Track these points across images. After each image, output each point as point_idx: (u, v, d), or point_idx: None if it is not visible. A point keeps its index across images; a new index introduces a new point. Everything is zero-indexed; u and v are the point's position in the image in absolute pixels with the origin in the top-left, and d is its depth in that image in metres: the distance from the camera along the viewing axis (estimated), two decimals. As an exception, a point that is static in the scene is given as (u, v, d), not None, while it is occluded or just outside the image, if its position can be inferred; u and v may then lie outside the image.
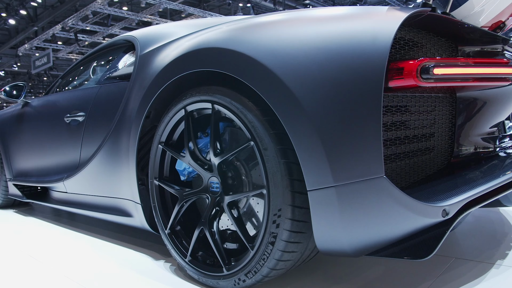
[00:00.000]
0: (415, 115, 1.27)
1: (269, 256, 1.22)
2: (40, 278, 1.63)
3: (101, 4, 14.15)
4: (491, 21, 2.08)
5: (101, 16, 16.06)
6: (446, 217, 1.08)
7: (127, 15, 15.62)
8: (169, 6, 15.30)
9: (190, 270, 1.48)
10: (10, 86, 2.92)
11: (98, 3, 14.03)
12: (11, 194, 3.02)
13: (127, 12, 15.75)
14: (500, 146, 1.53)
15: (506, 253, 1.63)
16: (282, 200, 1.18)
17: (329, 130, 1.07)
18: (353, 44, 1.09)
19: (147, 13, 15.77)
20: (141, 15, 15.81)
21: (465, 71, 1.12)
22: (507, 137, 1.58)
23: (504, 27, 2.18)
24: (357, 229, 1.09)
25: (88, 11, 14.47)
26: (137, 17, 15.80)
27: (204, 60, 1.36)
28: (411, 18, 1.17)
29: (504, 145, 1.54)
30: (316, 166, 1.08)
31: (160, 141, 1.58)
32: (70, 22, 15.03)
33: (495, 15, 2.01)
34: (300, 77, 1.11)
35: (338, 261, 1.62)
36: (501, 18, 2.13)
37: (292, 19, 1.28)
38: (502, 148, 1.53)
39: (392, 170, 1.23)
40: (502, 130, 1.56)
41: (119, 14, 15.33)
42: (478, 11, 1.88)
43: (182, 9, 15.82)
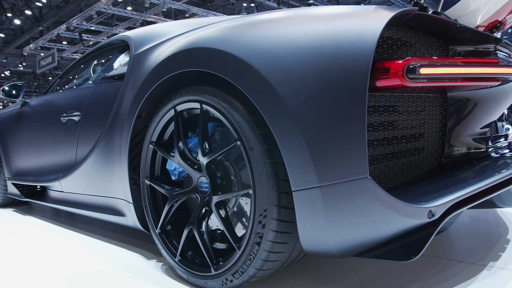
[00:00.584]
0: (404, 115, 1.26)
1: (255, 256, 1.22)
2: (32, 276, 1.64)
3: (106, 4, 14.21)
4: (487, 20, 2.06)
5: (106, 16, 16.14)
6: (433, 218, 1.06)
7: (131, 15, 15.68)
8: (173, 6, 15.33)
9: (180, 269, 1.48)
10: (9, 86, 2.94)
11: (102, 3, 14.09)
12: (10, 193, 3.04)
13: (131, 12, 15.81)
14: (492, 146, 1.51)
15: (499, 255, 1.61)
16: (267, 200, 1.17)
17: (313, 130, 1.06)
18: (339, 44, 1.08)
19: (151, 13, 15.81)
20: (145, 15, 15.85)
21: (453, 71, 1.11)
22: (500, 138, 1.56)
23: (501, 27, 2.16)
24: (342, 230, 1.09)
25: (93, 11, 14.54)
26: (141, 17, 15.85)
27: (192, 60, 1.36)
28: (398, 17, 1.16)
29: (496, 145, 1.53)
30: (300, 166, 1.08)
31: (151, 141, 1.58)
32: (74, 22, 15.11)
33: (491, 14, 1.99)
34: (285, 77, 1.11)
35: (329, 262, 1.61)
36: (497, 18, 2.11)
37: (279, 18, 1.27)
38: (494, 148, 1.51)
39: (380, 171, 1.22)
40: (494, 130, 1.54)
41: (123, 14, 15.39)
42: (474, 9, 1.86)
43: (186, 9, 15.86)
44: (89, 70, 2.63)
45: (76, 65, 2.82)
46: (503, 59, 1.51)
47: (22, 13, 14.82)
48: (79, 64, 2.79)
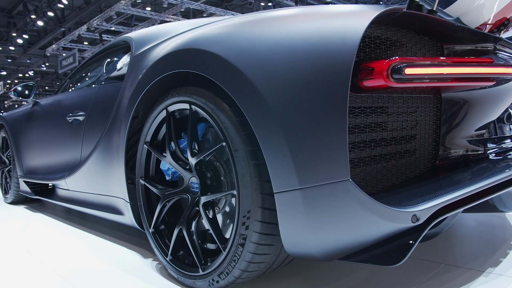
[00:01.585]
0: (393, 116, 1.23)
1: (239, 258, 1.21)
2: (29, 272, 1.68)
3: (125, 5, 14.45)
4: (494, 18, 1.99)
5: (125, 16, 16.42)
6: (417, 222, 1.04)
7: (150, 15, 15.88)
8: (191, 6, 15.47)
9: (171, 269, 1.49)
10: (21, 86, 3.02)
11: (121, 4, 14.34)
12: (22, 191, 3.13)
13: (150, 12, 16.01)
14: (490, 148, 1.46)
15: (500, 261, 1.56)
16: (251, 201, 1.17)
17: (295, 132, 1.05)
18: (322, 44, 1.07)
19: (170, 13, 15.98)
20: (164, 15, 16.03)
21: (441, 71, 1.08)
22: (498, 140, 1.51)
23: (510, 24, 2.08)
24: (324, 233, 1.07)
25: (112, 12, 14.81)
26: (160, 17, 16.04)
27: (181, 62, 1.36)
28: (386, 16, 1.13)
29: (494, 147, 1.47)
30: (282, 168, 1.07)
31: (145, 141, 1.60)
32: (95, 23, 15.42)
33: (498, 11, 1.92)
34: (268, 78, 1.10)
35: (321, 264, 1.60)
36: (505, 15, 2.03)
37: (265, 19, 1.26)
38: (492, 151, 1.46)
39: (368, 173, 1.20)
40: (492, 132, 1.49)
41: (142, 14, 15.61)
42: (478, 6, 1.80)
43: (203, 8, 15.97)
44: (95, 70, 2.67)
45: (84, 66, 2.88)
46: (505, 59, 1.46)
47: (45, 14, 15.22)
48: (87, 65, 2.84)
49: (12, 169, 3.19)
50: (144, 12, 15.65)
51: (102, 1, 15.12)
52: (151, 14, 15.87)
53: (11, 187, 3.27)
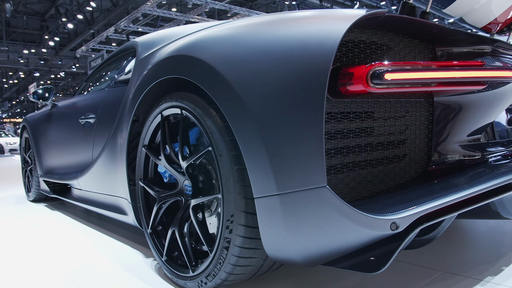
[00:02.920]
0: (379, 121, 1.21)
1: (224, 260, 1.23)
2: (36, 268, 1.76)
3: (151, 6, 14.74)
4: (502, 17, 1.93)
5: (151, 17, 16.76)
6: (397, 230, 1.02)
7: (175, 16, 16.13)
8: (216, 6, 15.60)
9: (165, 269, 1.53)
10: (41, 89, 3.16)
11: (147, 6, 14.64)
12: (42, 189, 3.27)
13: (175, 13, 16.27)
14: (487, 154, 1.41)
15: (502, 269, 1.51)
16: (234, 206, 1.18)
17: (273, 137, 1.05)
18: (301, 50, 1.07)
19: (194, 14, 16.18)
20: (189, 15, 16.25)
21: (424, 75, 1.05)
22: (495, 144, 1.45)
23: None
24: (303, 239, 1.07)
25: (139, 13, 15.14)
26: (185, 17, 16.26)
27: (173, 68, 1.40)
28: (369, 20, 1.12)
29: (490, 153, 1.42)
30: (261, 173, 1.08)
31: (143, 144, 1.64)
32: (122, 24, 15.82)
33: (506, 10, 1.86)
34: (249, 84, 1.11)
35: (314, 268, 1.59)
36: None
37: (250, 25, 1.27)
38: (489, 156, 1.41)
39: (352, 179, 1.19)
40: (490, 136, 1.44)
41: (168, 15, 15.88)
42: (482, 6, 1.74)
43: (228, 8, 16.08)
44: (106, 74, 2.76)
45: (98, 69, 2.97)
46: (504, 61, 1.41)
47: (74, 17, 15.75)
48: (101, 68, 2.93)
49: (33, 168, 3.34)
50: (170, 13, 15.92)
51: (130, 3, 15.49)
52: (176, 15, 16.12)
53: (32, 185, 3.42)
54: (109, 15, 16.23)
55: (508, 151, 1.49)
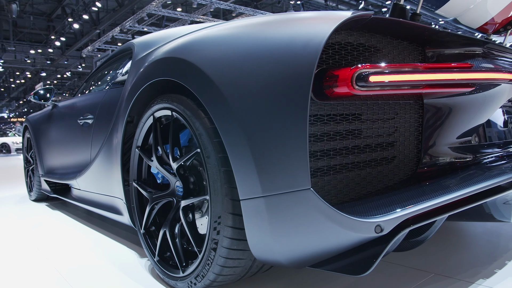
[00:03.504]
0: (367, 123, 1.21)
1: (212, 262, 1.24)
2: (31, 268, 1.78)
3: (156, 6, 14.79)
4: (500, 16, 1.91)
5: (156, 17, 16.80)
6: (381, 233, 1.02)
7: (180, 16, 16.16)
8: (221, 6, 15.62)
9: (157, 269, 1.54)
10: (42, 90, 3.19)
11: (152, 6, 14.70)
12: (43, 189, 3.30)
13: (180, 13, 16.30)
14: (478, 156, 1.40)
15: (494, 272, 1.50)
16: (221, 207, 1.19)
17: (258, 139, 1.06)
18: (286, 52, 1.07)
19: (199, 14, 16.21)
20: (194, 15, 16.28)
21: (409, 78, 1.05)
22: (486, 146, 1.44)
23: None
24: (288, 241, 1.08)
25: (144, 13, 15.20)
26: (190, 17, 16.30)
27: (163, 70, 1.41)
28: (356, 22, 1.12)
29: (482, 155, 1.41)
30: (247, 175, 1.08)
31: (137, 146, 1.65)
32: (127, 24, 15.90)
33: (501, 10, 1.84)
34: (235, 86, 1.12)
35: (307, 270, 1.59)
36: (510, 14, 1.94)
37: (238, 26, 1.27)
38: (480, 158, 1.40)
39: (339, 181, 1.19)
40: (482, 138, 1.43)
41: (173, 15, 15.92)
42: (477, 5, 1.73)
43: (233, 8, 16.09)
44: (105, 75, 2.78)
45: (98, 70, 3.00)
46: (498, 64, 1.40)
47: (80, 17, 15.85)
48: (100, 69, 2.96)
49: (35, 168, 3.37)
50: (175, 13, 15.96)
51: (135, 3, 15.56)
52: (181, 15, 16.16)
53: (34, 185, 3.45)
54: (114, 15, 16.32)
55: (500, 153, 1.48)
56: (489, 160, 1.41)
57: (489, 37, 2.01)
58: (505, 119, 1.55)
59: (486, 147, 1.44)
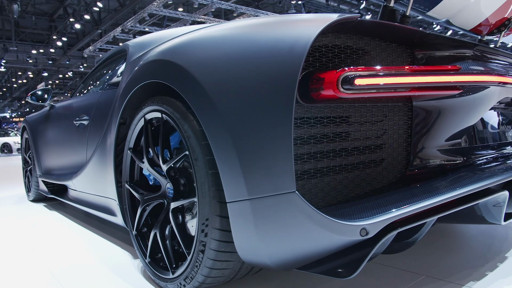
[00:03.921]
0: (355, 126, 1.21)
1: (201, 263, 1.24)
2: (24, 268, 1.79)
3: (157, 6, 14.81)
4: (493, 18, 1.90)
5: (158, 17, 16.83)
6: (367, 236, 1.02)
7: (181, 16, 16.17)
8: (222, 6, 15.63)
9: (149, 271, 1.54)
10: (40, 90, 3.19)
11: (154, 6, 14.71)
12: (40, 189, 3.31)
13: (181, 13, 16.31)
14: (468, 158, 1.40)
15: (485, 274, 1.50)
16: (209, 210, 1.19)
17: (244, 142, 1.06)
18: (273, 55, 1.07)
19: (201, 14, 16.22)
20: (195, 15, 16.29)
21: (395, 80, 1.05)
22: (476, 149, 1.44)
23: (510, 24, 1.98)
24: (274, 243, 1.08)
25: (145, 13, 15.22)
26: (191, 17, 16.30)
27: (153, 73, 1.41)
28: (343, 25, 1.12)
29: (472, 157, 1.41)
30: (233, 178, 1.09)
31: (129, 147, 1.66)
32: (129, 24, 15.92)
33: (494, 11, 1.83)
34: (221, 88, 1.12)
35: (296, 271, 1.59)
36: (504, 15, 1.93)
37: (226, 28, 1.28)
38: (470, 160, 1.40)
39: (326, 184, 1.19)
40: (472, 140, 1.42)
41: (174, 15, 15.93)
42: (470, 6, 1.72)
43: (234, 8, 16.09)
44: (101, 76, 2.79)
45: (94, 71, 3.00)
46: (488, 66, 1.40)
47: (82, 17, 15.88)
48: (97, 70, 2.96)
49: (33, 168, 3.39)
50: (176, 13, 15.97)
51: (136, 3, 15.58)
52: (182, 15, 16.16)
53: (32, 185, 3.47)
54: (116, 15, 16.35)
55: (490, 155, 1.48)
56: (479, 163, 1.41)
57: (483, 39, 2.00)
58: (495, 121, 1.54)
59: (476, 149, 1.43)
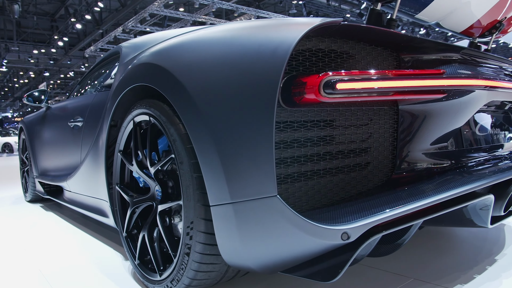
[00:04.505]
0: (340, 129, 1.21)
1: (186, 266, 1.25)
2: (15, 269, 1.80)
3: (158, 6, 14.83)
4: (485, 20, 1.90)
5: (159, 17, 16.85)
6: (348, 240, 1.02)
7: (182, 16, 16.19)
8: (223, 6, 15.64)
9: (138, 272, 1.55)
10: (36, 91, 3.21)
11: (154, 6, 14.74)
12: (37, 190, 3.33)
13: (182, 13, 16.33)
14: (455, 161, 1.40)
15: (473, 277, 1.50)
16: (193, 213, 1.20)
17: (226, 146, 1.07)
18: (256, 59, 1.07)
19: (202, 14, 16.23)
20: (196, 15, 16.30)
21: (377, 85, 1.05)
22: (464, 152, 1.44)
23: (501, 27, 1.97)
24: (256, 247, 1.08)
25: (146, 14, 15.25)
26: (192, 17, 16.32)
27: (141, 75, 1.42)
28: (325, 29, 1.12)
29: (459, 160, 1.41)
30: (216, 182, 1.09)
31: (119, 150, 1.66)
32: (130, 24, 15.95)
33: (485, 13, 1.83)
34: (205, 92, 1.12)
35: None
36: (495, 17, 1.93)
37: (212, 32, 1.28)
38: (456, 164, 1.40)
39: (310, 187, 1.19)
40: (458, 144, 1.42)
41: (175, 15, 15.96)
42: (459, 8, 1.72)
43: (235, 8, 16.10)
44: (96, 78, 2.80)
45: (90, 72, 3.01)
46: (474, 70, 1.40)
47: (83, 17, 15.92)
48: (92, 72, 2.97)
49: (29, 169, 3.40)
50: (177, 13, 15.99)
51: (137, 3, 15.61)
52: (183, 15, 16.18)
53: (29, 186, 3.48)
54: (117, 15, 16.38)
55: (476, 159, 1.48)
56: (465, 166, 1.41)
57: (474, 41, 2.00)
58: (482, 124, 1.54)
59: (462, 153, 1.43)
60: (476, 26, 1.91)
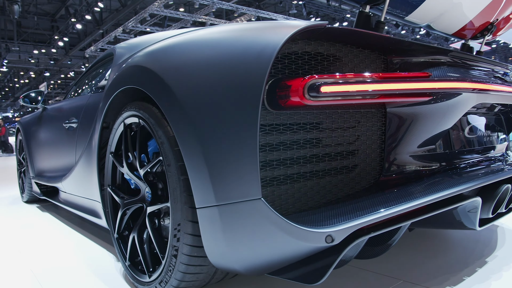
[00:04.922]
0: (326, 132, 1.22)
1: (174, 268, 1.25)
2: (7, 269, 1.80)
3: (158, 6, 14.84)
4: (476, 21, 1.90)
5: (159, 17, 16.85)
6: (332, 243, 1.02)
7: (182, 16, 16.19)
8: (223, 6, 15.64)
9: (128, 274, 1.55)
10: (33, 93, 3.21)
11: (155, 6, 14.74)
12: (33, 191, 3.33)
13: (182, 13, 16.33)
14: (443, 164, 1.40)
15: (463, 279, 1.50)
16: (180, 215, 1.20)
17: (211, 149, 1.07)
18: (241, 62, 1.08)
19: (202, 14, 16.23)
20: (196, 16, 16.30)
21: (362, 88, 1.06)
22: (452, 154, 1.44)
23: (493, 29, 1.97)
24: (241, 249, 1.09)
25: (146, 14, 15.25)
26: (192, 17, 16.32)
27: (130, 78, 1.42)
28: (311, 32, 1.12)
29: (447, 163, 1.41)
30: (202, 184, 1.10)
31: (110, 151, 1.67)
32: (130, 25, 15.95)
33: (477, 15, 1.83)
34: (191, 95, 1.13)
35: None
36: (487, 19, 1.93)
37: (200, 35, 1.29)
38: (445, 166, 1.40)
39: (296, 190, 1.19)
40: (446, 146, 1.43)
41: (175, 15, 15.96)
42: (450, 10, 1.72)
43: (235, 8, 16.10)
44: (91, 79, 2.80)
45: (86, 74, 3.02)
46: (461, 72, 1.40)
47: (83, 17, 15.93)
48: (88, 73, 2.98)
49: (26, 170, 3.41)
50: (177, 13, 15.99)
51: (138, 3, 15.62)
52: (183, 15, 16.18)
53: (25, 187, 3.49)
54: (117, 15, 16.39)
55: (464, 161, 1.48)
56: (453, 168, 1.41)
57: (467, 42, 2.00)
58: (470, 126, 1.54)
59: (450, 155, 1.44)
60: (468, 28, 1.91)
